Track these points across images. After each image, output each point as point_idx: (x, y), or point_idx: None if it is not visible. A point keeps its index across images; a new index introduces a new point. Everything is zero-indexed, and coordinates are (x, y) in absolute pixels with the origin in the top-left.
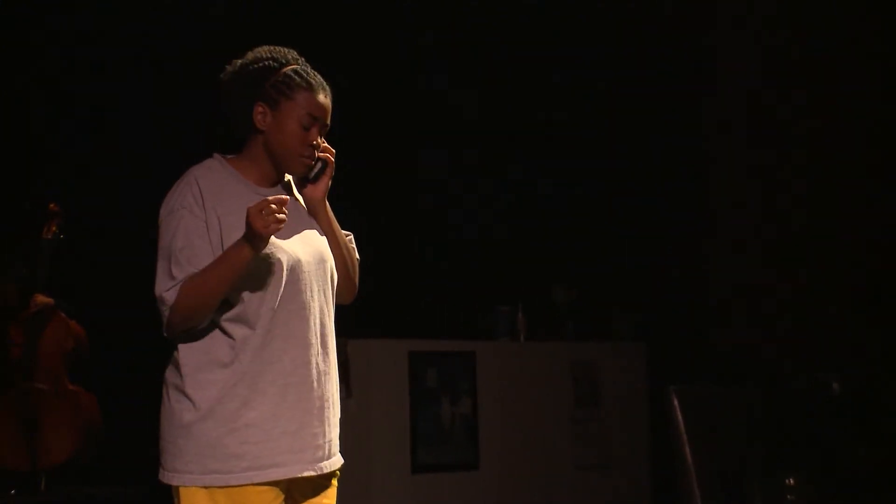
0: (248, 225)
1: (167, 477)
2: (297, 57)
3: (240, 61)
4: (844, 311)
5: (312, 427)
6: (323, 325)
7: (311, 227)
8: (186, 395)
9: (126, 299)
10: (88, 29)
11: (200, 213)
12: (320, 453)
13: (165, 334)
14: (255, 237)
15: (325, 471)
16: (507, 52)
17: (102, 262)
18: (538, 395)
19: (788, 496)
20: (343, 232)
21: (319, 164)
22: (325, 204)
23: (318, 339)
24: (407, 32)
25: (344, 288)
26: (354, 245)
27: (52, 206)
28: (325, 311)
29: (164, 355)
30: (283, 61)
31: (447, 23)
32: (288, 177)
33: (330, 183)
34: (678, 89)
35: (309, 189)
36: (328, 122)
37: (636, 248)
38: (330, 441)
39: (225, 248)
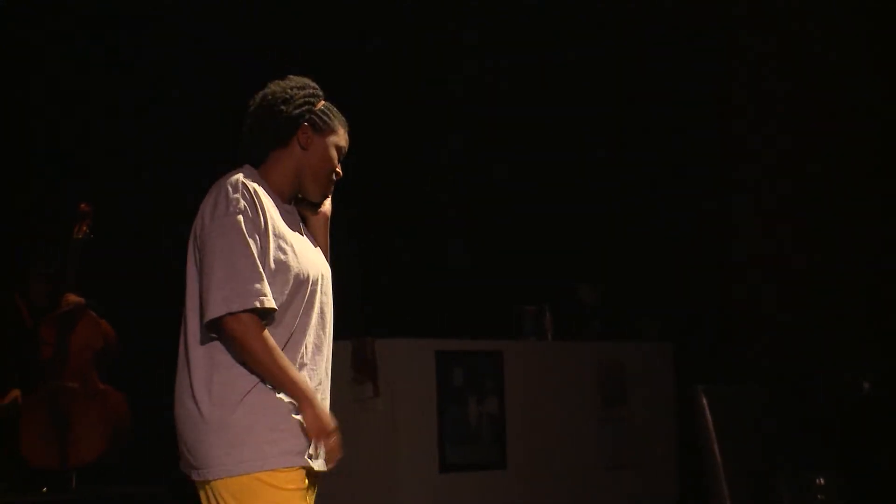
0: (320, 424)
1: (199, 474)
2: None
3: (282, 83)
4: (874, 311)
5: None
6: (331, 334)
7: (315, 243)
8: (212, 392)
9: (155, 299)
10: (121, 30)
11: (256, 216)
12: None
13: (208, 326)
14: (314, 428)
15: (324, 469)
16: (534, 44)
17: (132, 262)
18: (565, 394)
19: (818, 495)
20: None
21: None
22: (326, 228)
23: (327, 347)
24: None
25: None
26: None
27: (82, 206)
28: (328, 320)
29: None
30: (321, 94)
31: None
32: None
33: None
34: (705, 91)
35: (312, 213)
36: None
37: (663, 247)
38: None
39: (266, 250)
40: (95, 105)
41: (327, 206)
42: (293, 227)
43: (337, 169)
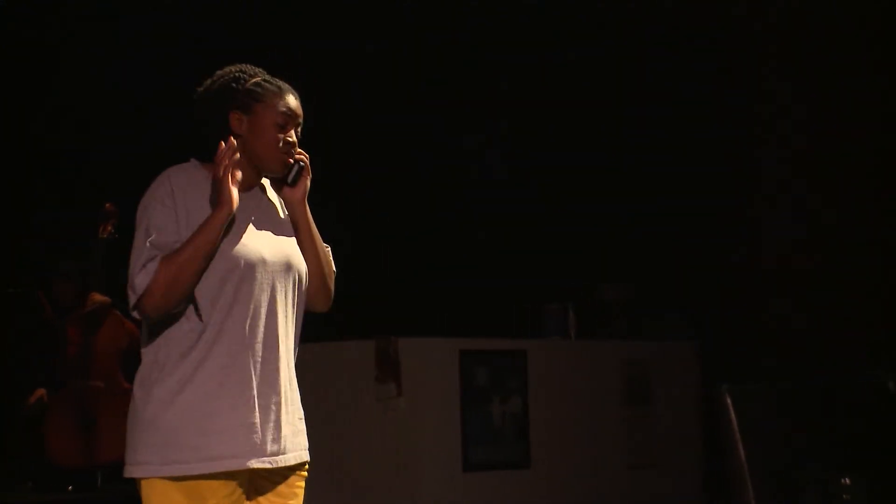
0: (213, 183)
1: (129, 471)
2: (263, 71)
3: (209, 80)
4: None
5: (271, 421)
6: (286, 326)
7: (284, 232)
8: (147, 388)
9: None
10: (149, 31)
11: (171, 205)
12: (276, 447)
13: (137, 315)
14: (221, 196)
15: (280, 465)
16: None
17: None
18: (589, 393)
19: (844, 496)
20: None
21: (297, 167)
22: (304, 206)
23: (279, 340)
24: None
25: (319, 293)
26: (331, 258)
27: (107, 206)
28: (289, 313)
29: None
30: (252, 73)
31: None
32: (265, 182)
33: (308, 185)
34: (729, 90)
35: (288, 192)
36: (301, 120)
37: (688, 246)
38: (286, 437)
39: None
40: (121, 104)
41: (299, 191)
42: (241, 214)
43: (285, 137)
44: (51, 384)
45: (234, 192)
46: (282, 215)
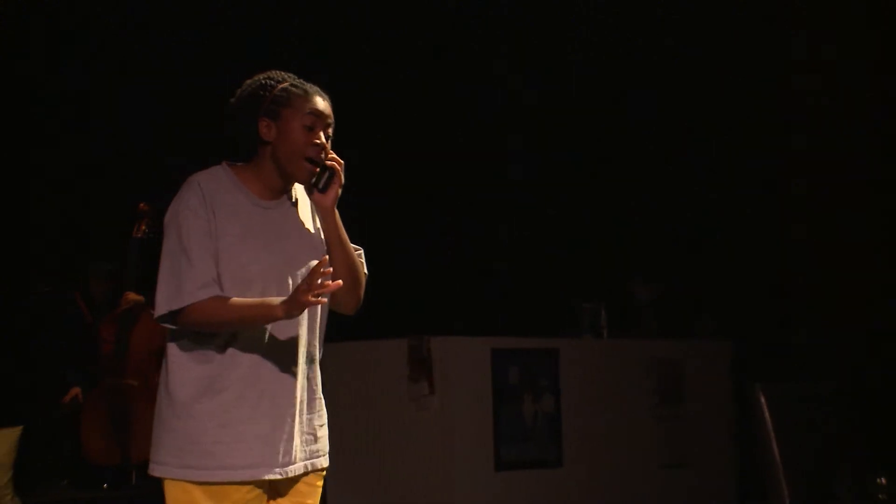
0: (295, 295)
1: (151, 468)
2: (294, 76)
3: (239, 89)
4: None
5: (285, 432)
6: (307, 337)
7: (309, 243)
8: (169, 391)
9: None
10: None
11: (205, 215)
12: (288, 458)
13: (158, 320)
14: (295, 307)
15: (290, 475)
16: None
17: None
18: (621, 392)
19: (879, 495)
20: (353, 246)
21: (327, 174)
22: (334, 212)
23: (303, 350)
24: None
25: (347, 298)
26: (363, 260)
27: (141, 205)
28: (311, 324)
29: None
30: (280, 79)
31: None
32: (295, 193)
33: (339, 192)
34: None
35: (318, 198)
36: (330, 122)
37: (719, 245)
38: (299, 448)
39: (215, 252)
40: (154, 105)
41: (329, 197)
42: (268, 223)
43: (313, 139)
44: (85, 383)
45: (303, 308)
46: (309, 223)
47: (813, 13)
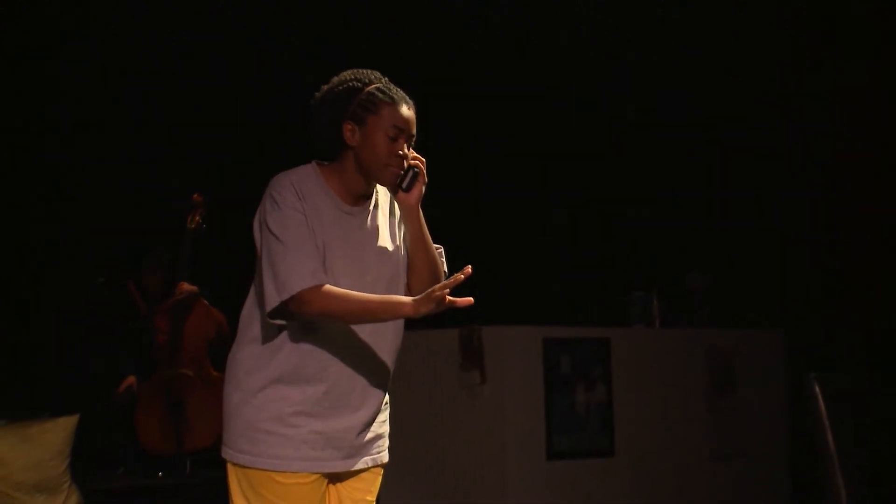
0: (428, 301)
1: (223, 451)
2: (380, 77)
3: (326, 87)
4: None
5: (350, 430)
6: (377, 342)
7: (388, 247)
8: (239, 377)
9: None
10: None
11: (303, 211)
12: (340, 454)
13: (270, 315)
14: (424, 304)
15: (342, 469)
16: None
17: (245, 251)
18: (673, 382)
19: None
20: (433, 245)
21: (411, 173)
22: (418, 211)
23: (366, 356)
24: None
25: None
26: (444, 259)
27: (195, 196)
28: (383, 328)
29: None
30: (367, 81)
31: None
32: (378, 196)
33: (423, 190)
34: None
35: (402, 197)
36: (413, 132)
37: (773, 235)
38: (356, 447)
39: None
40: (210, 96)
41: (413, 196)
42: (349, 230)
43: (395, 150)
44: (140, 372)
45: (432, 306)
46: (385, 231)
47: None
